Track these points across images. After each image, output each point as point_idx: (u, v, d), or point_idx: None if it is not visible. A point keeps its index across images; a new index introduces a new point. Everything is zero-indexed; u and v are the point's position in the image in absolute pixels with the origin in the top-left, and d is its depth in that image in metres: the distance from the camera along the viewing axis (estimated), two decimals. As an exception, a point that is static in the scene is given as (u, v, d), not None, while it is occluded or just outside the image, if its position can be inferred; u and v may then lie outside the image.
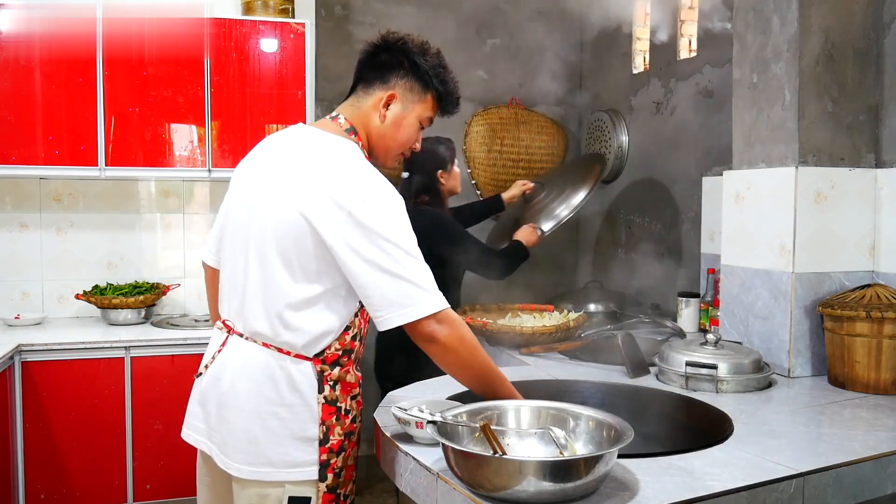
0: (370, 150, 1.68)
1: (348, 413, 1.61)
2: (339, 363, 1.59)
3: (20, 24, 3.01)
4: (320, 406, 1.57)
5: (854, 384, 1.97)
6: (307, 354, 1.56)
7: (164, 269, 3.56)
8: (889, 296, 1.97)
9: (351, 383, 1.62)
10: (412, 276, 1.46)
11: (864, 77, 2.16)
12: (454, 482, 1.27)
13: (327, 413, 1.57)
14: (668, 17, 3.55)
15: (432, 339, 1.47)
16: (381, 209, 1.48)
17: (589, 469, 1.17)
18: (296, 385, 1.56)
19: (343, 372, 1.60)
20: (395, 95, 1.64)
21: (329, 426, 1.58)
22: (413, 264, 1.47)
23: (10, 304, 3.35)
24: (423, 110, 1.67)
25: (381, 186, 1.52)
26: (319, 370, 1.57)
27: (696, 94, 3.36)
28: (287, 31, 3.28)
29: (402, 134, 1.67)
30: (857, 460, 1.42)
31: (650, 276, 3.67)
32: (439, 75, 1.66)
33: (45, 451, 2.84)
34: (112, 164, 3.11)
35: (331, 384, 1.58)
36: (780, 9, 2.13)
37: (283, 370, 1.56)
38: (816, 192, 2.09)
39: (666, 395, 1.91)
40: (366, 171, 1.54)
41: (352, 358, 1.62)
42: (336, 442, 1.58)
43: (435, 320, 1.46)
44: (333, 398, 1.59)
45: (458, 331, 1.49)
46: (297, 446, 1.55)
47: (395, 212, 1.50)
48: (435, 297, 1.47)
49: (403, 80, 1.65)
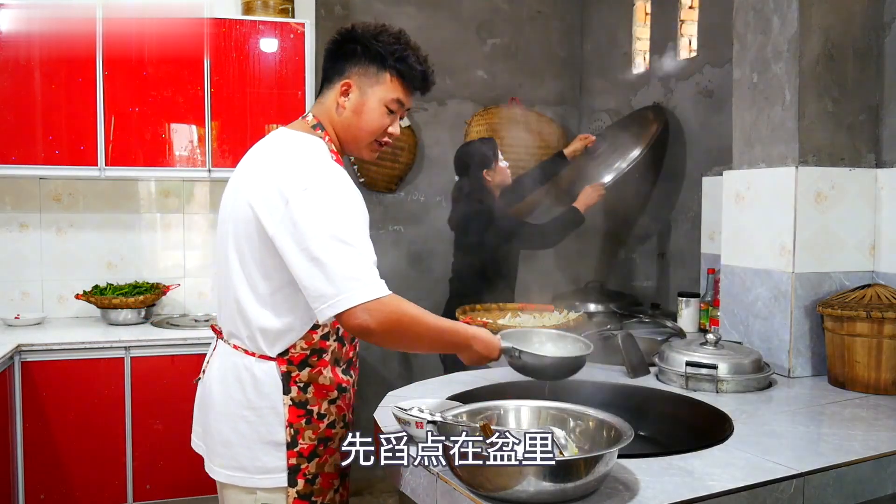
0: (341, 144, 1.65)
1: (323, 417, 1.57)
2: (307, 364, 1.55)
3: (20, 24, 3.01)
4: (286, 408, 1.54)
5: (854, 384, 1.97)
6: (270, 354, 1.54)
7: (164, 269, 3.56)
8: (889, 296, 1.97)
9: (326, 386, 1.58)
10: (341, 266, 1.39)
11: (864, 77, 2.16)
12: (454, 482, 1.27)
13: (295, 416, 1.54)
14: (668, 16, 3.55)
15: (365, 330, 1.40)
16: (320, 198, 1.44)
17: (589, 469, 1.17)
18: (260, 386, 1.54)
19: (314, 373, 1.56)
20: (351, 83, 1.60)
21: (298, 429, 1.54)
22: (345, 253, 1.40)
23: (10, 304, 3.35)
24: (384, 92, 1.60)
25: (327, 176, 1.48)
26: (285, 371, 1.54)
27: (696, 94, 3.35)
28: (287, 31, 3.28)
29: (365, 121, 1.61)
30: (858, 460, 1.42)
31: (650, 276, 3.67)
32: (395, 53, 1.58)
33: (45, 451, 2.84)
34: (112, 164, 3.11)
35: (300, 386, 1.55)
36: (780, 9, 2.13)
37: (248, 371, 1.55)
38: (816, 192, 2.09)
39: (666, 395, 1.91)
40: (313, 162, 1.51)
41: (325, 358, 1.58)
42: (307, 446, 1.55)
43: (363, 310, 1.38)
44: (302, 400, 1.55)
45: (393, 315, 1.41)
46: (266, 451, 1.54)
47: (335, 201, 1.45)
48: (364, 286, 1.40)
49: (357, 67, 1.60)
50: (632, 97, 3.85)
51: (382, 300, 1.40)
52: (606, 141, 3.51)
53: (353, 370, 1.68)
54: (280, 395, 1.54)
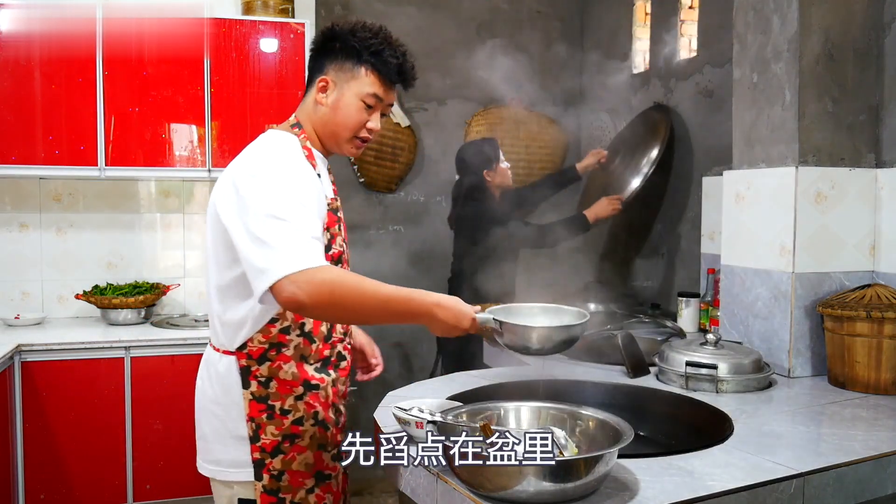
0: (323, 142, 1.66)
1: (287, 413, 1.56)
2: (267, 358, 1.55)
3: (20, 24, 3.01)
4: (247, 402, 1.55)
5: (854, 384, 1.97)
6: (230, 348, 1.56)
7: (164, 269, 3.56)
8: (889, 296, 1.97)
9: (289, 381, 1.56)
10: (274, 241, 1.37)
11: (864, 77, 2.16)
12: (454, 482, 1.27)
13: (256, 410, 1.55)
14: (668, 16, 3.55)
15: (295, 303, 1.34)
16: (264, 181, 1.45)
17: (589, 469, 1.17)
18: (222, 381, 1.57)
19: (273, 367, 1.55)
20: (328, 80, 1.61)
21: (259, 424, 1.55)
22: (279, 228, 1.38)
23: (10, 304, 3.35)
24: (360, 87, 1.59)
25: (276, 162, 1.50)
26: (245, 365, 1.55)
27: (696, 94, 3.35)
28: (287, 30, 3.28)
29: (341, 116, 1.61)
30: (858, 460, 1.42)
31: (650, 276, 3.67)
32: (370, 47, 1.58)
33: (45, 451, 2.84)
34: (112, 164, 3.11)
35: (260, 380, 1.55)
36: (780, 9, 2.13)
37: (214, 367, 1.60)
38: (816, 192, 2.09)
39: (666, 395, 1.91)
40: (268, 152, 1.53)
41: (284, 353, 1.56)
42: (269, 441, 1.55)
43: (289, 282, 1.33)
44: (263, 395, 1.55)
45: (324, 285, 1.34)
46: (235, 445, 1.56)
47: (277, 182, 1.45)
48: (292, 257, 1.35)
49: (334, 63, 1.61)
50: (632, 97, 3.84)
51: (310, 270, 1.34)
52: (619, 153, 3.49)
53: (331, 369, 1.65)
54: (240, 390, 1.56)
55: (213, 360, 1.61)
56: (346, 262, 1.68)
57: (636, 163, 3.37)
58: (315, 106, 1.63)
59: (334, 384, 1.66)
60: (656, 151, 3.31)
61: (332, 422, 1.65)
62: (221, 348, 1.59)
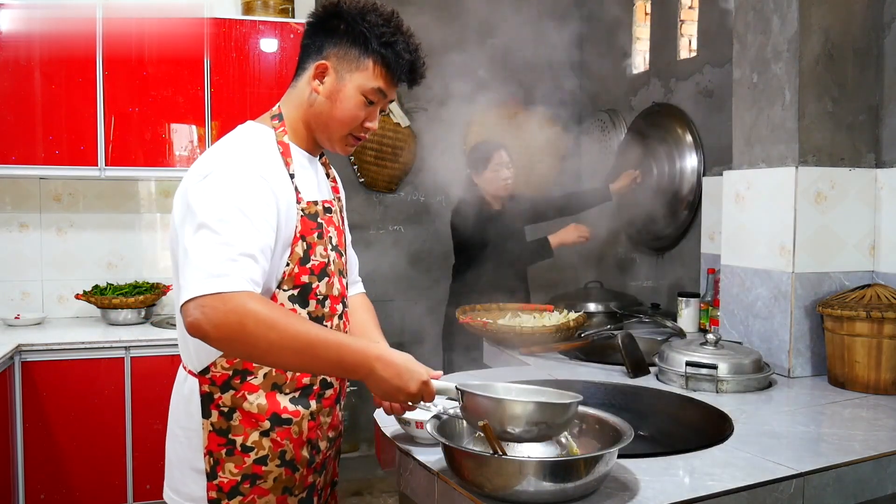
0: (313, 134, 1.46)
1: (249, 451, 1.36)
2: (230, 386, 1.36)
3: (20, 24, 3.01)
4: (206, 433, 1.36)
5: (854, 384, 1.97)
6: (194, 370, 1.38)
7: (164, 269, 3.56)
8: (889, 296, 1.97)
9: (254, 414, 1.36)
10: (196, 255, 1.19)
11: (864, 77, 2.16)
12: (454, 482, 1.27)
13: (214, 443, 1.36)
14: (668, 16, 3.55)
15: (198, 330, 1.15)
16: (211, 185, 1.26)
17: (589, 469, 1.17)
18: (186, 405, 1.40)
19: (238, 398, 1.36)
20: (328, 65, 1.39)
21: (217, 459, 1.36)
22: (206, 242, 1.20)
23: (10, 304, 3.35)
24: (363, 80, 1.39)
25: (230, 163, 1.30)
26: (207, 391, 1.37)
27: (696, 94, 3.35)
28: (287, 31, 3.28)
29: (339, 109, 1.40)
30: (857, 460, 1.42)
31: (650, 276, 3.67)
32: (382, 36, 1.38)
33: (45, 451, 2.84)
34: (112, 164, 3.11)
35: (223, 410, 1.36)
36: (780, 9, 2.13)
37: (179, 386, 1.44)
38: (816, 192, 2.09)
39: (666, 395, 1.91)
40: (226, 151, 1.34)
41: (251, 382, 1.36)
42: (227, 481, 1.36)
43: (196, 305, 1.15)
44: (224, 427, 1.36)
45: (233, 314, 1.14)
46: (193, 478, 1.39)
47: (223, 186, 1.26)
48: (205, 276, 1.16)
49: (337, 48, 1.39)
50: (632, 97, 3.84)
51: (223, 296, 1.14)
52: (643, 165, 3.50)
53: (312, 399, 1.43)
54: (199, 418, 1.37)
55: (180, 379, 1.44)
56: (333, 275, 1.45)
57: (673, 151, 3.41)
58: (308, 93, 1.42)
59: (313, 417, 1.43)
60: (689, 136, 3.35)
61: (304, 461, 1.43)
62: (188, 366, 1.41)
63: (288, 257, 1.36)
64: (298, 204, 1.38)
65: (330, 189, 1.57)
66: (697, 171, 3.30)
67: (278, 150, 1.40)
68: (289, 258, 1.36)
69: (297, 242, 1.37)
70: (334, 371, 1.29)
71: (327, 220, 1.46)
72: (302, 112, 1.44)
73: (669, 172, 3.46)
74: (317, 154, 1.53)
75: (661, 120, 3.54)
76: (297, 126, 1.45)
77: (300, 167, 1.43)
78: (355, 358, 1.23)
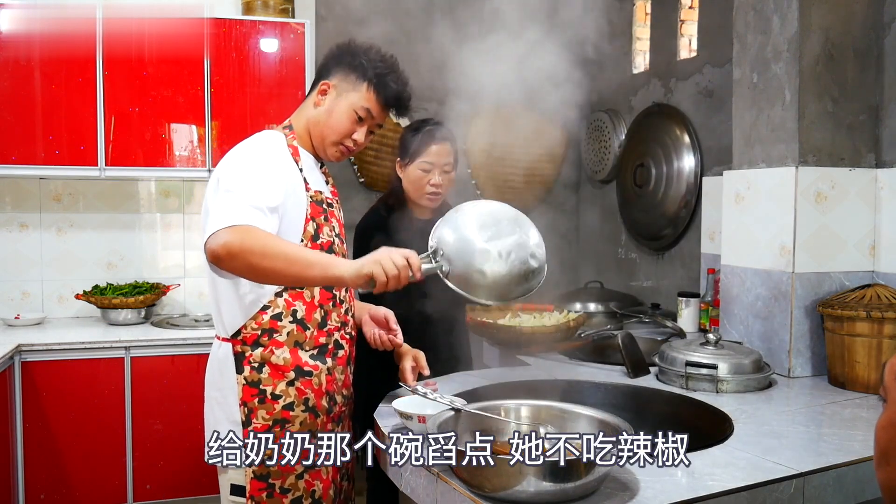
0: (311, 141, 1.75)
1: (278, 398, 1.61)
2: (259, 343, 1.62)
3: (20, 23, 3.01)
4: (241, 387, 1.61)
5: (854, 384, 1.97)
6: (226, 335, 1.64)
7: (164, 269, 3.56)
8: (889, 296, 1.97)
9: (280, 366, 1.62)
10: (214, 210, 1.49)
11: (864, 77, 2.16)
12: (454, 482, 1.27)
13: (248, 395, 1.61)
14: (668, 16, 3.55)
15: (212, 255, 1.43)
16: (232, 165, 1.59)
17: (589, 469, 1.17)
18: (221, 366, 1.64)
19: (265, 353, 1.62)
20: (331, 84, 1.72)
21: (251, 408, 1.60)
22: (224, 199, 1.50)
23: (10, 304, 3.35)
24: (357, 99, 1.70)
25: (250, 150, 1.63)
26: (239, 351, 1.62)
27: (696, 94, 3.35)
28: (287, 31, 3.28)
29: (332, 120, 1.71)
30: (857, 460, 1.42)
31: (650, 276, 3.67)
32: (377, 68, 1.71)
33: (45, 451, 2.84)
34: (112, 164, 3.11)
35: (254, 366, 1.62)
36: (780, 9, 2.13)
37: (215, 354, 1.68)
38: (816, 192, 2.09)
39: (666, 395, 1.91)
40: (250, 143, 1.65)
41: (277, 339, 1.62)
42: (261, 426, 1.60)
43: (213, 237, 1.44)
44: (255, 380, 1.61)
45: (236, 233, 1.42)
46: (231, 429, 1.53)
47: (242, 162, 1.59)
48: (220, 218, 1.45)
49: (341, 73, 1.72)
50: (632, 97, 3.84)
51: (232, 227, 1.43)
52: (654, 165, 3.51)
53: (328, 357, 1.70)
54: (234, 375, 1.62)
55: (215, 348, 1.69)
56: (338, 255, 1.72)
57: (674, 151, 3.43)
58: (313, 107, 1.74)
59: (329, 372, 1.70)
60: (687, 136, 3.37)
61: (324, 410, 1.68)
62: (221, 335, 1.66)
63: (301, 234, 1.63)
64: (307, 192, 1.66)
65: (331, 192, 1.82)
66: (696, 171, 3.30)
67: (289, 151, 1.69)
68: (302, 235, 1.63)
69: (309, 222, 1.65)
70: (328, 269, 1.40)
71: (330, 212, 1.73)
72: (307, 121, 1.75)
73: (668, 173, 3.46)
74: (320, 161, 1.81)
75: (660, 120, 3.54)
76: (304, 134, 1.75)
77: (307, 166, 1.72)
78: (342, 260, 1.49)
